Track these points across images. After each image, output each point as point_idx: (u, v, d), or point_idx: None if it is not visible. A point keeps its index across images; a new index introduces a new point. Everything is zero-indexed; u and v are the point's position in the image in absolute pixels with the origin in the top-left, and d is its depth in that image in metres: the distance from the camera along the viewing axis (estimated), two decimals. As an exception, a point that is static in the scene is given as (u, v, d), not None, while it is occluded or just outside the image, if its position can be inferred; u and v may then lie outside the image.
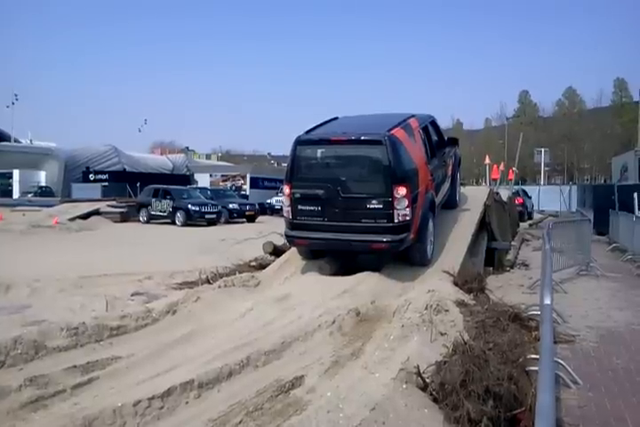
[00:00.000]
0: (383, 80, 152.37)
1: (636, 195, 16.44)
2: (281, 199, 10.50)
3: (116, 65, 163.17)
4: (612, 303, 7.71)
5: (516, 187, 30.70)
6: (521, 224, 18.97)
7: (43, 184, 42.40)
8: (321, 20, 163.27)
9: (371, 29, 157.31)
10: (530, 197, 29.81)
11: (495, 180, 18.88)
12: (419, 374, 4.19)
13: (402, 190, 7.55)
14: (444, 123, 75.64)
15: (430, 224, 8.55)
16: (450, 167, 10.85)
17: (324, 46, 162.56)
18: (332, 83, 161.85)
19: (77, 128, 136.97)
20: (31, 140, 54.04)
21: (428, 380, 4.19)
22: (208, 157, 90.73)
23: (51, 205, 27.46)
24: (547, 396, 2.61)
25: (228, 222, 24.69)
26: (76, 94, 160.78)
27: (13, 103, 57.40)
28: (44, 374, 4.85)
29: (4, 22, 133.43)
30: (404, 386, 4.09)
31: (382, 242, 7.64)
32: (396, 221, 7.59)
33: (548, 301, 4.88)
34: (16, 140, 52.11)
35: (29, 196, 37.15)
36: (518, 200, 25.51)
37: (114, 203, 26.72)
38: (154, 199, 24.47)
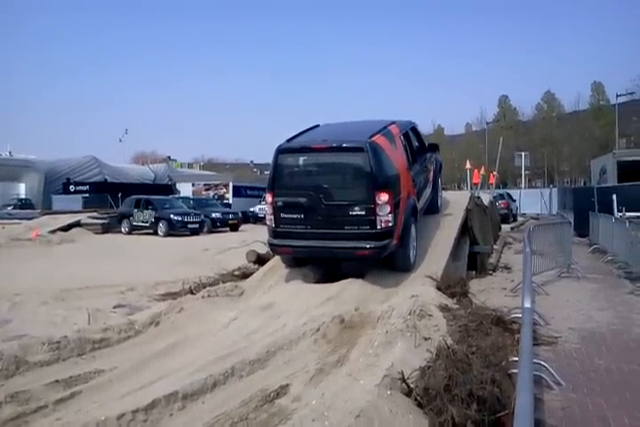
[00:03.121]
0: (364, 86, 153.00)
1: (614, 196, 16.67)
2: (264, 207, 10.50)
3: (95, 75, 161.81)
4: (593, 304, 7.79)
5: (500, 191, 31.23)
6: (503, 227, 19.11)
7: (23, 196, 42.10)
8: (301, 26, 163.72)
9: (351, 36, 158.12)
10: (514, 201, 30.51)
11: (476, 184, 19.00)
12: (403, 379, 4.21)
13: (384, 197, 7.59)
14: (426, 128, 76.10)
15: (413, 230, 8.58)
16: (431, 173, 10.93)
17: (304, 52, 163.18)
18: (312, 90, 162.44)
19: (57, 140, 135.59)
20: (10, 153, 53.49)
21: (412, 385, 4.20)
22: (190, 166, 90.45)
23: (31, 218, 27.14)
24: (525, 397, 2.63)
25: (211, 232, 24.56)
26: (56, 106, 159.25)
27: (-8, 116, 56.89)
28: (26, 389, 4.81)
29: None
30: (389, 392, 4.10)
31: (365, 248, 7.66)
32: (378, 227, 7.62)
33: (527, 304, 4.93)
34: (-5, 153, 51.59)
35: (9, 208, 36.81)
36: (503, 203, 26.42)
37: (95, 214, 26.47)
38: (135, 210, 24.31)
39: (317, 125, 9.76)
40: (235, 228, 26.13)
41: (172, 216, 23.21)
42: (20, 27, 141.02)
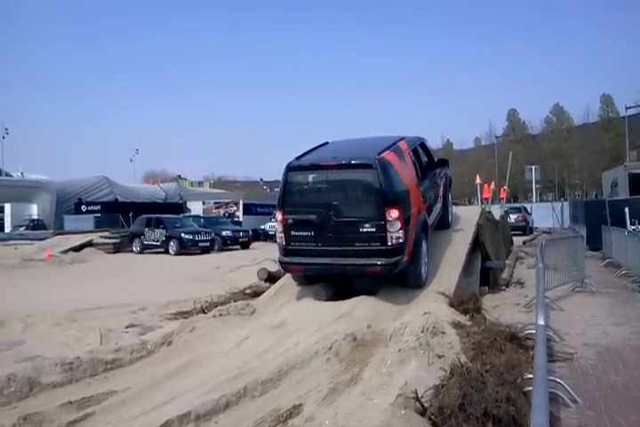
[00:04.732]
0: (372, 102, 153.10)
1: (627, 209, 16.56)
2: (274, 225, 10.54)
3: (104, 95, 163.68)
4: (608, 319, 7.70)
5: (517, 205, 31.51)
6: (516, 241, 19.00)
7: (35, 217, 42.40)
8: (308, 42, 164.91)
9: (359, 51, 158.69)
10: (530, 214, 31.64)
11: (487, 199, 18.93)
12: (417, 398, 4.16)
13: (394, 213, 7.58)
14: (435, 143, 76.38)
15: (424, 246, 8.55)
16: (441, 188, 10.91)
17: (311, 69, 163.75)
18: (320, 106, 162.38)
19: (69, 160, 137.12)
20: (22, 174, 54.07)
21: (426, 404, 4.16)
22: (200, 184, 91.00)
23: (43, 238, 27.32)
24: (540, 416, 2.60)
25: (221, 250, 24.61)
26: (67, 126, 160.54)
27: (4, 137, 57.70)
28: (39, 411, 4.80)
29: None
30: (403, 411, 4.06)
31: (376, 265, 7.64)
32: (389, 243, 7.60)
33: (541, 321, 4.88)
34: (7, 174, 52.20)
35: (21, 229, 37.11)
36: (521, 216, 28.80)
37: (107, 234, 26.60)
38: (146, 229, 24.42)
39: (326, 143, 9.80)
40: (245, 245, 26.18)
41: (182, 235, 23.28)
42: (24, 40, 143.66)
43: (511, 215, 27.20)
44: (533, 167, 51.66)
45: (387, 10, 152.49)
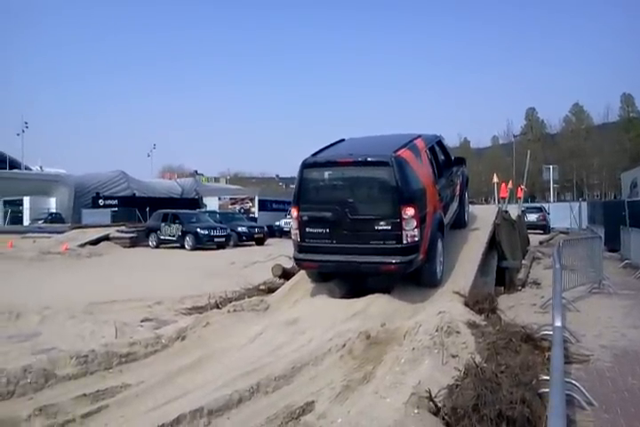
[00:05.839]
0: (390, 99, 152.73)
1: (646, 210, 16.33)
2: (289, 221, 10.55)
3: (124, 90, 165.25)
4: (625, 321, 7.59)
5: (537, 204, 31.70)
6: (532, 242, 18.83)
7: (53, 211, 42.91)
8: (326, 39, 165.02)
9: (377, 48, 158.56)
10: (549, 214, 32.26)
11: (504, 198, 18.77)
12: (430, 398, 4.14)
13: (410, 211, 7.53)
14: (452, 141, 75.81)
15: (439, 245, 8.50)
16: (458, 187, 10.84)
17: (330, 65, 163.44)
18: (338, 103, 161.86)
19: (87, 154, 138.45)
20: (41, 167, 54.73)
21: (439, 404, 4.13)
22: (216, 180, 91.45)
23: (61, 232, 27.60)
24: (557, 421, 2.56)
25: (237, 245, 24.70)
26: (86, 120, 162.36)
27: (23, 131, 58.38)
28: (54, 403, 4.84)
29: (13, 51, 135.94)
30: (416, 411, 4.03)
31: (391, 263, 7.60)
32: (404, 242, 7.56)
33: (558, 322, 4.82)
34: (26, 168, 52.88)
35: (40, 222, 37.55)
36: (542, 216, 29.87)
37: (123, 228, 26.78)
38: (163, 224, 24.57)
39: (343, 140, 9.77)
40: (260, 241, 26.26)
41: (198, 230, 23.40)
42: (44, 42, 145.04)
43: (532, 215, 28.11)
44: (551, 167, 51.17)
45: (399, 7, 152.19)
